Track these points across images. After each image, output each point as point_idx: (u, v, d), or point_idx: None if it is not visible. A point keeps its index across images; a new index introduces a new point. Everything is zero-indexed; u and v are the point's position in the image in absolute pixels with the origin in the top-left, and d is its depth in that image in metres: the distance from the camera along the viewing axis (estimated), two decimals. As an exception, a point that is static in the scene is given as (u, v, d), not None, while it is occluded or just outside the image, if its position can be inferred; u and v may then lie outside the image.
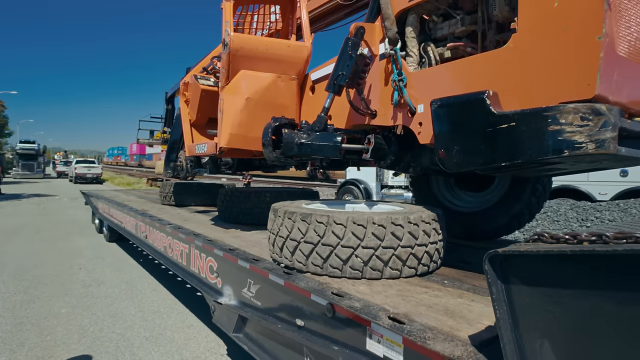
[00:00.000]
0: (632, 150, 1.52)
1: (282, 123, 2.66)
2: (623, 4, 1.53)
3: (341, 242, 2.00)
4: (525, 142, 1.62)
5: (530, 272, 1.04)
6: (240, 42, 3.15)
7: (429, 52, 2.31)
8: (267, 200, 3.93)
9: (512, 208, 3.03)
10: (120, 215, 5.88)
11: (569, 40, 1.53)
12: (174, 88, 10.03)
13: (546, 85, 1.62)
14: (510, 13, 1.93)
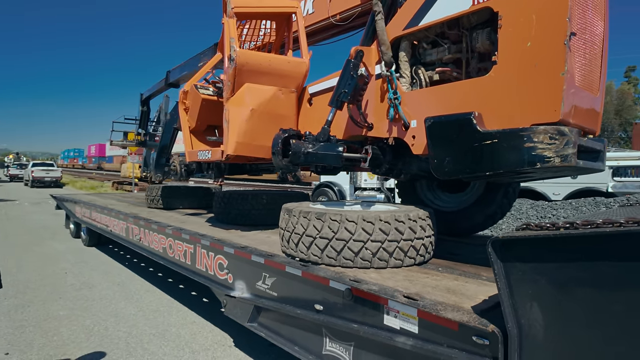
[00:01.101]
0: (587, 162, 1.97)
1: (290, 134, 2.95)
2: (578, 46, 1.97)
3: (353, 236, 2.32)
4: (505, 156, 2.02)
5: (522, 252, 1.41)
6: (245, 58, 3.41)
7: (419, 75, 2.69)
8: (264, 202, 4.19)
9: (487, 208, 3.47)
10: (106, 219, 5.89)
11: (539, 74, 1.94)
12: (150, 90, 9.99)
13: (521, 109, 2.03)
14: (490, 46, 2.33)
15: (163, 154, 5.85)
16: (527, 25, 1.96)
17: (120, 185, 20.94)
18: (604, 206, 6.54)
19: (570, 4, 1.84)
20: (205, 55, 6.79)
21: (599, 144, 2.21)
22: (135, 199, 7.72)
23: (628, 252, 1.19)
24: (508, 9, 2.06)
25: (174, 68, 8.21)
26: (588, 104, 2.09)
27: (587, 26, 2.04)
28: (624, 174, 8.50)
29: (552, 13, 1.88)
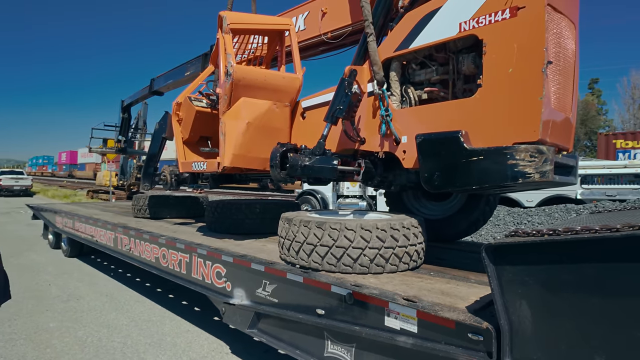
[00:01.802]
0: (563, 177, 2.22)
1: (288, 148, 3.09)
2: (554, 72, 2.21)
3: (352, 244, 2.47)
4: (491, 171, 2.22)
5: (512, 257, 1.59)
6: (242, 73, 3.53)
7: (409, 93, 2.89)
8: (257, 211, 4.28)
9: (470, 215, 3.70)
10: (91, 229, 5.82)
11: (520, 97, 2.17)
12: (132, 97, 9.95)
13: (504, 129, 2.24)
14: (475, 69, 2.55)
15: (151, 163, 5.85)
16: (509, 53, 2.19)
17: (95, 194, 20.36)
18: (574, 213, 6.97)
19: (547, 35, 2.08)
20: (192, 65, 6.88)
21: (572, 160, 2.47)
22: (119, 208, 7.62)
23: (603, 255, 1.39)
24: (491, 37, 2.28)
25: (159, 76, 8.23)
26: (562, 124, 2.33)
27: (562, 53, 2.29)
28: (591, 182, 9.04)
29: (531, 43, 2.11)
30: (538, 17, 2.09)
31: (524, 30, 2.13)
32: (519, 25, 2.15)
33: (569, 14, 2.34)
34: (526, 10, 2.12)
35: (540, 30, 2.07)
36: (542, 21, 2.07)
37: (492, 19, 2.26)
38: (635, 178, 8.61)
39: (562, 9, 2.26)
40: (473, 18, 2.36)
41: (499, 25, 2.24)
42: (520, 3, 2.15)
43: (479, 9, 2.34)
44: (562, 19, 2.26)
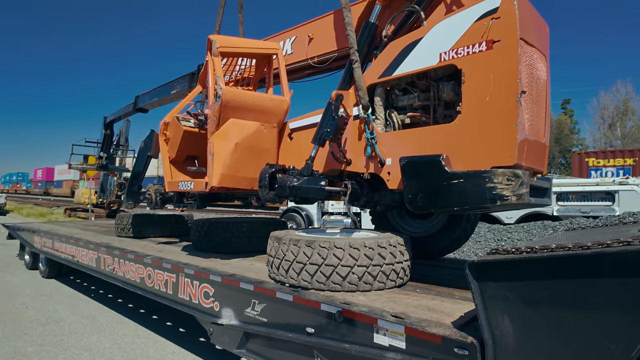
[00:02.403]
0: (538, 199, 2.37)
1: (277, 169, 3.17)
2: (528, 101, 2.38)
3: (341, 262, 2.54)
4: (470, 194, 2.34)
5: (493, 273, 1.69)
6: (231, 95, 3.62)
7: (392, 118, 3.03)
8: (244, 230, 4.31)
9: (452, 233, 3.83)
10: (72, 249, 5.69)
11: (497, 124, 2.32)
12: (116, 113, 9.89)
13: (482, 153, 2.38)
14: (455, 96, 2.71)
15: (135, 181, 5.81)
16: (485, 83, 2.35)
17: (73, 212, 19.82)
18: (551, 229, 7.24)
19: (520, 67, 2.25)
20: (179, 84, 6.93)
21: (546, 182, 2.63)
22: (100, 227, 7.47)
23: (576, 271, 1.50)
24: (469, 67, 2.45)
25: (144, 93, 8.23)
26: (537, 148, 2.50)
27: (534, 83, 2.47)
28: (566, 199, 9.41)
29: (506, 74, 2.28)
30: (512, 50, 2.26)
31: (499, 62, 2.30)
32: (495, 57, 2.32)
33: (540, 47, 2.54)
34: (501, 44, 2.30)
35: (514, 62, 2.24)
36: (516, 54, 2.24)
37: (470, 50, 2.43)
38: (607, 195, 9.01)
39: (534, 42, 2.45)
40: (452, 49, 2.53)
41: (476, 57, 2.40)
42: (495, 37, 2.32)
43: (457, 41, 2.51)
44: (534, 51, 2.45)
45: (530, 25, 2.46)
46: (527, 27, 2.39)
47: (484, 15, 2.42)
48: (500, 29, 2.33)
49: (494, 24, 2.36)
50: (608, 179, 10.70)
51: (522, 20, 2.31)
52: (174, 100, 7.15)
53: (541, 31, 2.65)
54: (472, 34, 2.45)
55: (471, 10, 2.50)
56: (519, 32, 2.27)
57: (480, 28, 2.42)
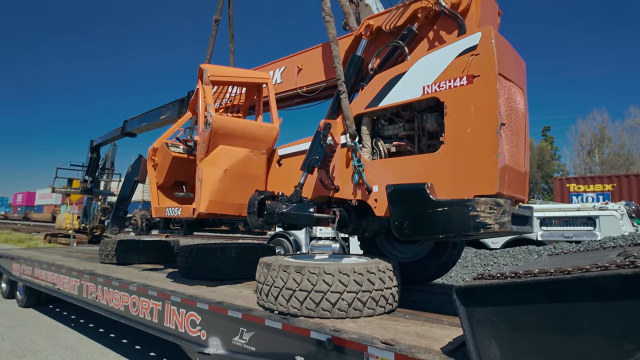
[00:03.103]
0: (520, 227, 2.46)
1: (266, 196, 3.20)
2: (507, 132, 2.51)
3: (331, 288, 2.55)
4: (455, 222, 2.41)
5: (480, 298, 1.73)
6: (221, 123, 3.69)
7: (379, 146, 3.13)
8: (232, 255, 4.28)
9: (439, 258, 3.88)
10: (53, 277, 5.52)
11: (478, 154, 2.43)
12: (103, 137, 9.86)
13: (465, 182, 2.47)
14: (438, 127, 2.82)
15: (121, 207, 5.74)
16: (467, 115, 2.47)
17: (54, 237, 19.23)
18: (535, 254, 7.36)
19: (499, 100, 2.38)
20: (168, 109, 7.00)
21: (528, 210, 2.73)
22: (83, 253, 7.29)
23: (558, 296, 1.55)
24: (451, 100, 2.57)
25: (132, 118, 8.28)
26: (517, 178, 2.61)
27: (513, 115, 2.60)
28: (549, 224, 9.61)
29: (486, 107, 2.41)
30: (491, 85, 2.40)
31: (480, 96, 2.43)
32: (475, 91, 2.45)
33: (518, 82, 2.69)
34: (481, 79, 2.44)
35: (493, 95, 2.38)
36: (495, 88, 2.38)
37: (451, 84, 2.57)
38: (588, 220, 9.24)
39: (512, 77, 2.60)
40: (435, 82, 2.66)
41: (457, 90, 2.54)
42: (475, 72, 2.47)
43: (439, 75, 2.65)
44: (512, 85, 2.60)
45: (508, 62, 2.62)
46: (504, 63, 2.54)
47: (464, 52, 2.57)
48: (479, 65, 2.48)
49: (473, 60, 2.51)
50: (589, 204, 11.00)
51: (499, 56, 2.46)
52: (163, 126, 7.20)
53: (518, 66, 2.82)
54: (454, 68, 2.59)
55: (452, 47, 2.65)
56: (497, 68, 2.42)
57: (461, 63, 2.56)
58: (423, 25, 3.09)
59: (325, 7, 3.41)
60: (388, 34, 3.28)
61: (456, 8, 2.85)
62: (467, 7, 2.84)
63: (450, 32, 2.93)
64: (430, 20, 3.07)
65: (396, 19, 3.19)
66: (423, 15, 3.03)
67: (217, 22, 5.44)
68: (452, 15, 2.84)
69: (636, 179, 18.12)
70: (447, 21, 2.94)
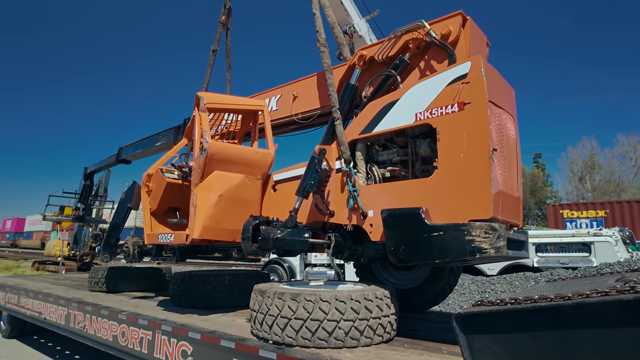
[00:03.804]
0: (516, 252, 2.45)
1: (260, 221, 3.18)
2: (500, 157, 2.54)
3: (327, 316, 2.49)
4: (450, 247, 2.40)
5: (480, 325, 1.70)
6: (216, 148, 3.70)
7: (373, 171, 3.15)
8: (225, 283, 4.18)
9: (437, 285, 3.83)
10: (39, 305, 5.35)
11: (472, 179, 2.45)
12: (98, 164, 9.82)
13: (459, 207, 2.48)
14: (431, 153, 2.86)
15: (113, 234, 5.64)
16: (459, 141, 2.51)
17: (42, 265, 18.77)
18: (533, 281, 7.30)
19: (490, 126, 2.43)
20: (164, 136, 7.04)
21: (523, 235, 2.73)
22: (72, 281, 7.10)
23: (559, 322, 1.53)
24: (444, 126, 2.62)
25: (128, 145, 8.29)
26: (511, 202, 2.62)
27: (505, 141, 2.65)
28: (545, 250, 9.59)
29: (478, 133, 2.45)
30: (482, 111, 2.45)
31: (471, 122, 2.48)
32: (466, 117, 2.50)
33: (508, 109, 2.76)
34: (471, 106, 2.49)
35: (485, 122, 2.43)
36: (486, 115, 2.43)
37: (443, 111, 2.62)
38: (583, 246, 9.24)
39: (502, 105, 2.67)
40: (427, 109, 2.72)
41: (449, 117, 2.59)
42: (466, 99, 2.53)
43: (431, 102, 2.71)
44: (502, 112, 2.66)
45: (498, 89, 2.69)
46: (494, 90, 2.61)
47: (455, 80, 2.65)
48: (470, 93, 2.54)
49: (464, 88, 2.57)
50: (583, 230, 11.04)
51: (489, 84, 2.53)
52: (158, 152, 7.21)
53: (508, 94, 2.90)
54: (445, 96, 2.65)
55: (443, 75, 2.72)
56: (487, 95, 2.48)
57: (452, 91, 2.62)
58: (414, 55, 3.19)
59: (320, 38, 3.51)
60: (380, 64, 3.37)
61: (446, 39, 2.95)
62: (456, 38, 2.95)
63: (441, 62, 3.02)
64: (421, 51, 3.17)
65: (388, 49, 3.29)
66: (414, 46, 3.13)
67: (215, 52, 5.58)
68: (442, 46, 2.93)
69: (628, 205, 18.31)
70: (438, 51, 3.04)
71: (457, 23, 2.92)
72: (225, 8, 5.51)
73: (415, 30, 3.09)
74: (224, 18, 5.53)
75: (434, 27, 3.01)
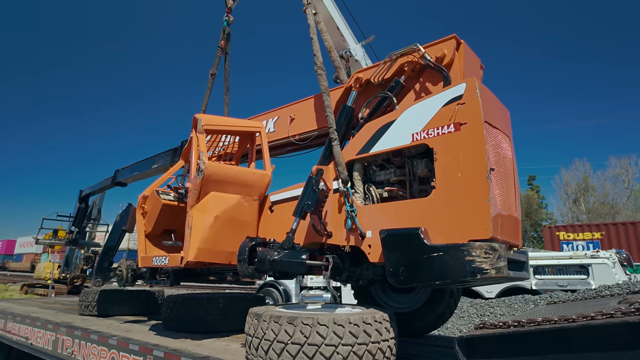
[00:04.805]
0: (516, 272, 2.41)
1: (257, 242, 3.12)
2: (497, 177, 2.55)
3: (325, 341, 2.41)
4: (451, 267, 2.36)
5: (484, 349, 1.66)
6: (213, 169, 3.69)
7: (371, 192, 3.14)
8: (220, 306, 4.08)
9: (437, 308, 3.75)
10: (26, 330, 5.17)
11: (470, 199, 2.44)
12: (93, 187, 9.73)
13: (458, 227, 2.46)
14: (429, 173, 2.85)
15: (107, 257, 5.54)
16: (456, 160, 2.52)
17: (31, 288, 18.31)
18: (532, 303, 7.20)
19: (487, 147, 2.44)
20: (161, 159, 7.01)
21: (523, 255, 2.70)
22: (61, 304, 6.90)
23: (563, 345, 1.49)
24: (440, 146, 2.63)
25: (124, 168, 8.24)
26: (510, 222, 2.61)
27: (501, 161, 2.66)
28: (543, 272, 9.52)
29: (475, 152, 2.46)
30: (478, 132, 2.47)
31: (467, 142, 2.50)
32: (463, 137, 2.52)
33: (504, 129, 2.79)
34: (467, 126, 2.52)
35: (481, 142, 2.44)
36: (482, 135, 2.45)
37: (439, 131, 2.64)
38: (581, 268, 9.19)
39: (498, 125, 2.70)
40: (423, 130, 2.74)
41: (446, 137, 2.61)
42: (462, 120, 2.55)
43: (427, 123, 2.73)
44: (498, 132, 2.69)
45: (493, 110, 2.73)
46: (490, 111, 2.64)
47: (450, 101, 2.68)
48: (466, 113, 2.57)
49: (460, 109, 2.60)
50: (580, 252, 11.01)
51: (485, 105, 2.57)
52: (154, 175, 7.16)
53: (503, 115, 2.94)
54: (441, 117, 2.68)
55: (439, 97, 2.76)
56: (483, 116, 2.51)
57: (448, 112, 2.65)
58: (410, 77, 3.24)
59: (318, 62, 3.57)
60: (377, 86, 3.42)
61: (441, 61, 3.00)
62: (451, 60, 3.00)
63: (436, 84, 3.07)
64: (416, 73, 3.22)
65: (384, 72, 3.35)
66: (409, 69, 3.18)
67: (214, 76, 5.65)
68: (437, 68, 2.99)
69: (624, 227, 18.36)
70: (433, 74, 3.09)
71: (452, 46, 2.98)
72: (224, 33, 5.62)
73: (410, 54, 3.16)
74: (223, 43, 5.63)
75: (429, 50, 3.07)
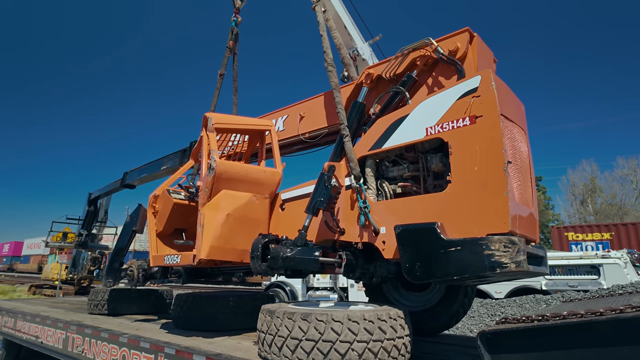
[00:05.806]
0: (536, 267, 2.35)
1: (270, 239, 3.10)
2: (514, 170, 2.51)
3: (339, 337, 2.38)
4: (469, 262, 2.32)
5: (508, 344, 1.62)
6: (224, 168, 3.67)
7: (384, 188, 3.10)
8: (230, 305, 4.06)
9: (451, 307, 3.69)
10: (36, 329, 5.19)
11: (487, 192, 2.40)
12: (102, 190, 9.76)
13: (476, 221, 2.41)
14: (443, 167, 2.81)
15: (117, 257, 5.54)
16: (472, 154, 2.48)
17: (39, 289, 18.43)
18: (544, 303, 7.11)
19: (504, 139, 2.40)
20: (170, 160, 7.01)
21: (541, 250, 2.65)
22: (70, 304, 6.93)
23: (590, 339, 1.45)
24: (456, 140, 2.59)
25: (133, 170, 8.24)
26: (528, 216, 2.57)
27: (518, 155, 2.62)
28: (553, 273, 9.40)
29: (491, 145, 2.42)
30: (494, 124, 2.43)
31: (484, 135, 2.46)
32: (479, 130, 2.48)
33: (519, 122, 2.74)
34: (483, 119, 2.48)
35: (498, 134, 2.40)
36: (499, 127, 2.41)
37: (454, 125, 2.60)
38: (592, 269, 9.07)
39: (513, 118, 2.66)
40: (438, 124, 2.70)
41: (461, 130, 2.57)
42: (477, 112, 2.51)
43: (442, 117, 2.69)
44: (514, 126, 2.65)
45: (508, 103, 2.69)
46: (505, 104, 2.60)
47: (465, 94, 2.64)
48: (481, 106, 2.53)
49: (475, 102, 2.57)
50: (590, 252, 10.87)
51: (500, 98, 2.53)
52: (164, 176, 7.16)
53: (518, 109, 2.89)
54: (456, 110, 2.64)
55: (453, 90, 2.72)
56: (499, 108, 2.47)
57: (463, 105, 2.61)
58: (422, 72, 3.21)
59: (328, 58, 3.55)
60: (388, 81, 3.39)
61: (454, 55, 2.97)
62: (464, 54, 2.97)
63: (449, 78, 3.03)
64: (429, 67, 3.19)
65: (396, 67, 3.31)
66: (422, 63, 3.15)
67: (222, 76, 5.65)
68: (450, 62, 2.95)
69: (634, 227, 18.12)
70: (445, 67, 3.05)
71: (465, 39, 2.95)
72: (233, 34, 5.62)
73: (423, 48, 3.12)
74: (231, 43, 5.63)
75: (441, 44, 3.04)
